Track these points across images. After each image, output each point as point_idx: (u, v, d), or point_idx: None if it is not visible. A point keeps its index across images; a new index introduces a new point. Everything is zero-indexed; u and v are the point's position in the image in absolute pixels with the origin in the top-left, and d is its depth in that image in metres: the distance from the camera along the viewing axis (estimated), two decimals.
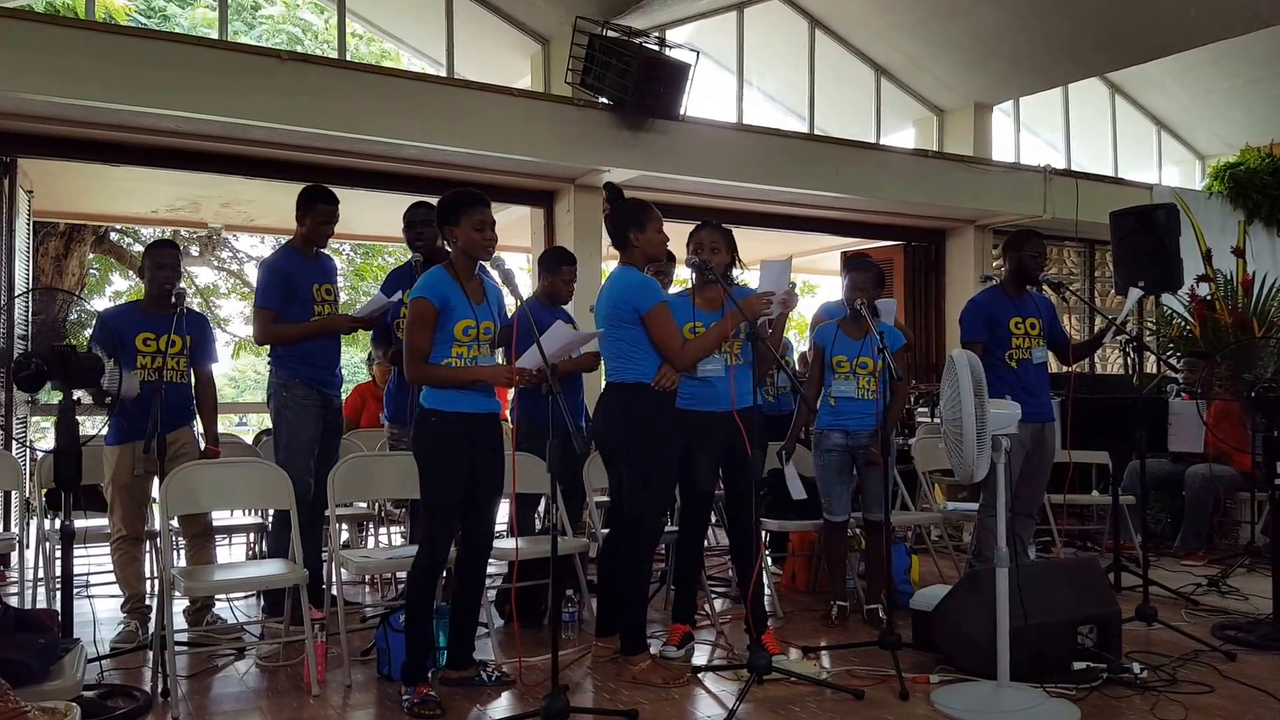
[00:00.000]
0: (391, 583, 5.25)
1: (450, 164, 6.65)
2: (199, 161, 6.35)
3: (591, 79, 6.62)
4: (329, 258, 4.64)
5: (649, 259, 3.90)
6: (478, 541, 3.62)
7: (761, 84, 9.11)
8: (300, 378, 4.35)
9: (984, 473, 3.46)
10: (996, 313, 4.67)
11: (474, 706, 3.44)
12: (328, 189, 4.50)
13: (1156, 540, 6.29)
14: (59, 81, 5.22)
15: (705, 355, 3.85)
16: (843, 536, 4.71)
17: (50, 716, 2.10)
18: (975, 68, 8.98)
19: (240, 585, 4.38)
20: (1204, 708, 3.39)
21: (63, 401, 3.32)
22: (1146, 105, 10.99)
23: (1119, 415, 5.21)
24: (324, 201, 4.44)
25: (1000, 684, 3.38)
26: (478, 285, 3.54)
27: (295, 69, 5.88)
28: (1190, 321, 7.50)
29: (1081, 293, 9.75)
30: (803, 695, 3.55)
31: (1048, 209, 8.59)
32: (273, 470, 3.98)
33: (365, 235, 10.77)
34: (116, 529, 4.19)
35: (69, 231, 10.31)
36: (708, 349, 3.84)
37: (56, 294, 3.86)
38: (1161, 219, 6.25)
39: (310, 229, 4.43)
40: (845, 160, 7.79)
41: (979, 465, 3.43)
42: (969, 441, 3.39)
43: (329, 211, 4.44)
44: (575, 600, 4.43)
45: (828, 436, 4.57)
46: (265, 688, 3.67)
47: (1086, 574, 3.97)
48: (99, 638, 4.14)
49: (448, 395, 3.44)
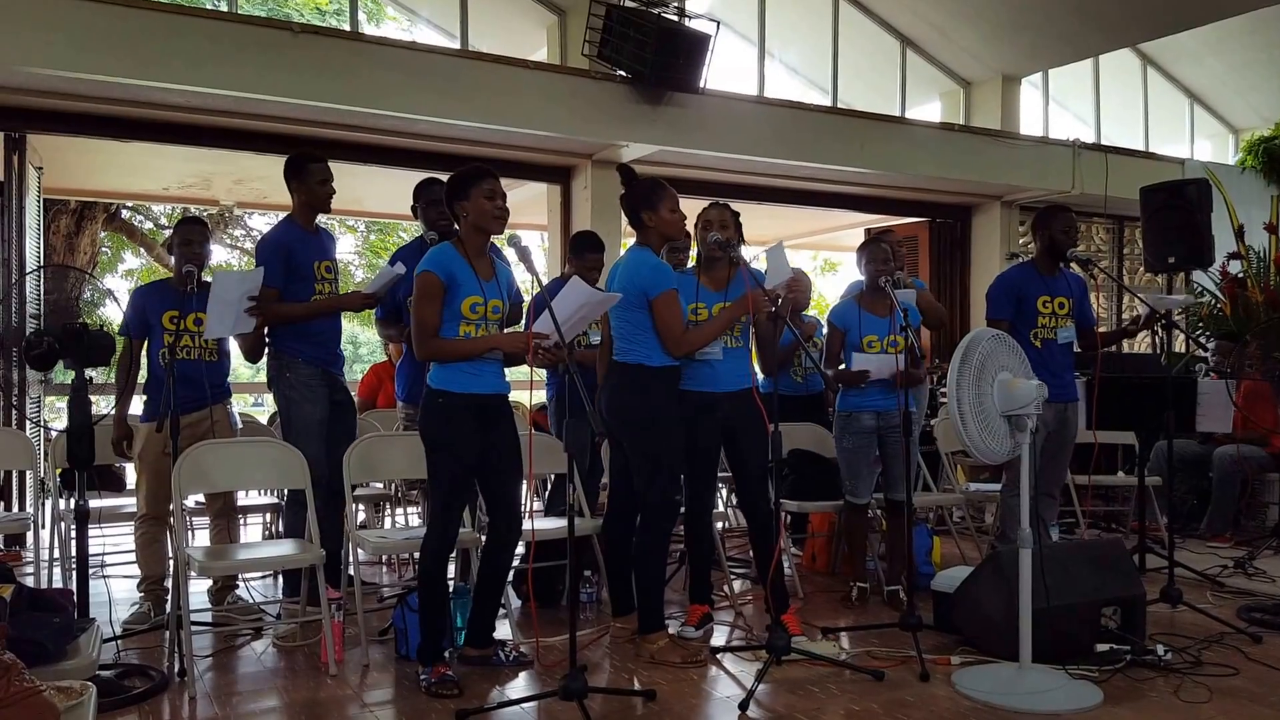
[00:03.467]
0: (409, 563, 5.25)
1: (465, 139, 6.59)
2: (210, 137, 6.32)
3: (609, 51, 6.53)
4: (328, 233, 4.47)
5: (665, 239, 3.88)
6: (506, 524, 3.57)
7: (783, 56, 9.01)
8: (303, 358, 4.20)
9: (992, 452, 3.43)
10: (1025, 290, 4.61)
11: (492, 687, 3.43)
12: (309, 149, 4.32)
13: (1183, 522, 6.22)
14: (68, 55, 5.18)
15: (704, 345, 3.82)
16: (864, 518, 4.70)
17: (65, 696, 2.09)
18: (1004, 39, 8.83)
19: (255, 565, 4.36)
20: (1229, 690, 3.36)
21: (75, 380, 3.30)
22: (1179, 77, 10.79)
23: (1146, 395, 5.13)
24: (312, 160, 4.24)
25: (1022, 666, 3.36)
26: (487, 263, 3.49)
27: (307, 42, 5.81)
28: (1221, 299, 7.40)
29: (1110, 270, 9.61)
30: (822, 676, 3.53)
31: (1076, 184, 8.48)
32: (288, 450, 3.95)
33: (379, 212, 10.72)
34: (141, 508, 4.20)
35: (80, 209, 10.34)
36: (707, 340, 3.81)
37: (69, 272, 3.86)
38: (1193, 194, 6.16)
39: (309, 194, 4.21)
40: (869, 134, 7.69)
41: (987, 449, 3.42)
42: (972, 428, 3.38)
43: (321, 169, 4.22)
44: (593, 580, 4.41)
45: (856, 419, 4.51)
46: (282, 667, 3.67)
47: (1111, 555, 3.92)
48: (115, 617, 4.14)
49: (456, 376, 3.39)
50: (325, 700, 3.31)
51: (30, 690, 1.89)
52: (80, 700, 2.06)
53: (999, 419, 3.42)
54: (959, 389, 3.38)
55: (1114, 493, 6.59)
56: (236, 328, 4.00)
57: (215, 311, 3.89)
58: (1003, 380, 3.42)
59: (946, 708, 3.23)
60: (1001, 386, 3.41)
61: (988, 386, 3.41)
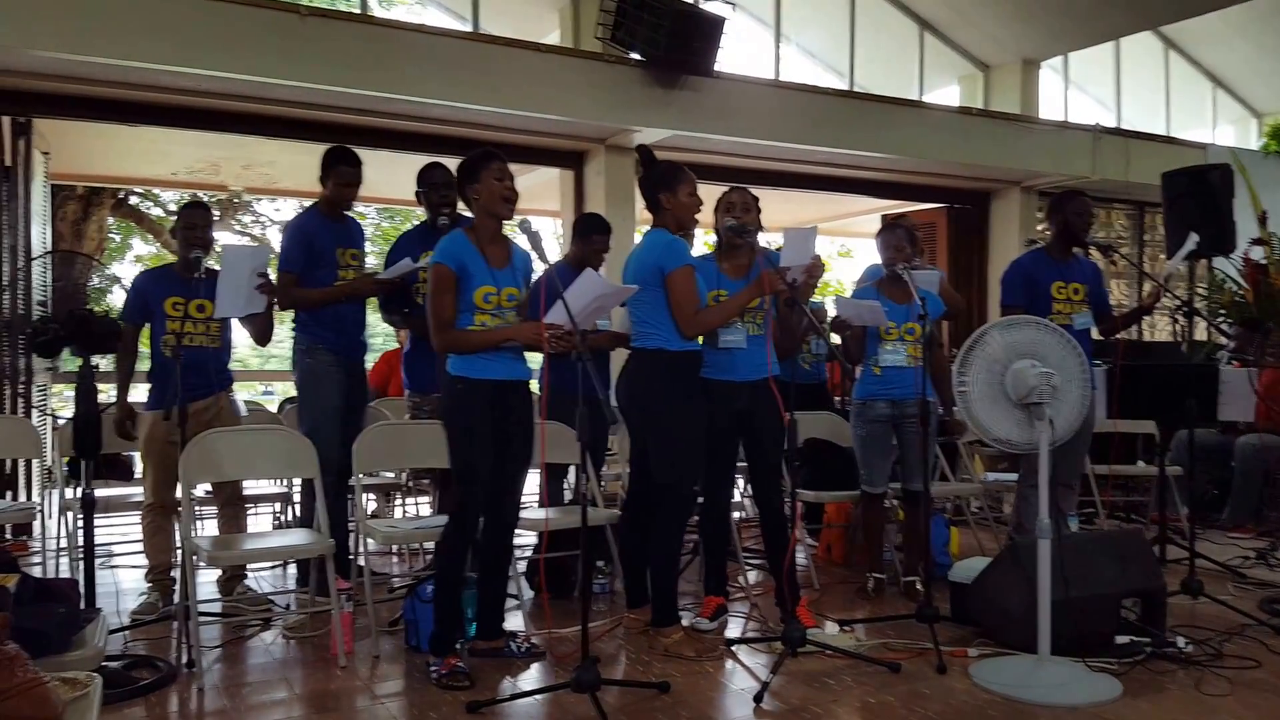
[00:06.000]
0: (419, 553, 5.22)
1: (476, 123, 6.53)
2: (219, 122, 6.28)
3: (622, 34, 6.46)
4: (355, 222, 4.49)
5: (681, 223, 3.84)
6: (506, 512, 3.55)
7: (799, 39, 8.92)
8: (325, 344, 4.22)
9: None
10: (1038, 276, 4.58)
11: (504, 678, 3.40)
12: (350, 150, 4.34)
13: (1204, 512, 6.15)
14: (75, 39, 5.13)
15: (717, 326, 3.79)
16: (881, 508, 4.65)
17: (71, 687, 2.06)
18: (1023, 21, 8.72)
19: (264, 555, 4.33)
20: (1250, 683, 3.33)
21: (82, 368, 3.27)
22: (1201, 60, 10.66)
23: (1167, 383, 5.06)
24: (345, 163, 4.27)
25: (1041, 658, 3.33)
26: (500, 250, 3.44)
27: (316, 25, 5.76)
28: (1243, 286, 7.30)
29: (1131, 256, 9.50)
30: (838, 668, 3.50)
31: (1096, 169, 8.39)
32: (297, 438, 3.92)
33: (389, 198, 10.68)
34: (147, 497, 4.17)
35: (87, 194, 10.32)
36: (720, 320, 3.78)
37: (76, 258, 3.83)
38: (1215, 180, 6.10)
39: (333, 192, 4.27)
40: (886, 119, 7.62)
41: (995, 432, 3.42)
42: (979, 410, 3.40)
43: (350, 174, 4.27)
44: (606, 572, 4.37)
45: (872, 406, 4.45)
46: (291, 659, 3.65)
47: (1131, 546, 3.88)
48: (122, 608, 4.13)
49: (476, 362, 3.36)
50: (335, 692, 3.29)
51: (34, 682, 1.86)
52: (85, 692, 2.03)
53: (1013, 406, 3.41)
54: (966, 373, 3.40)
55: (1134, 483, 6.52)
56: (248, 307, 3.97)
57: (226, 290, 3.87)
58: (1017, 369, 3.40)
59: (964, 700, 3.19)
60: (1015, 375, 3.40)
61: (998, 374, 3.41)
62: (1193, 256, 5.08)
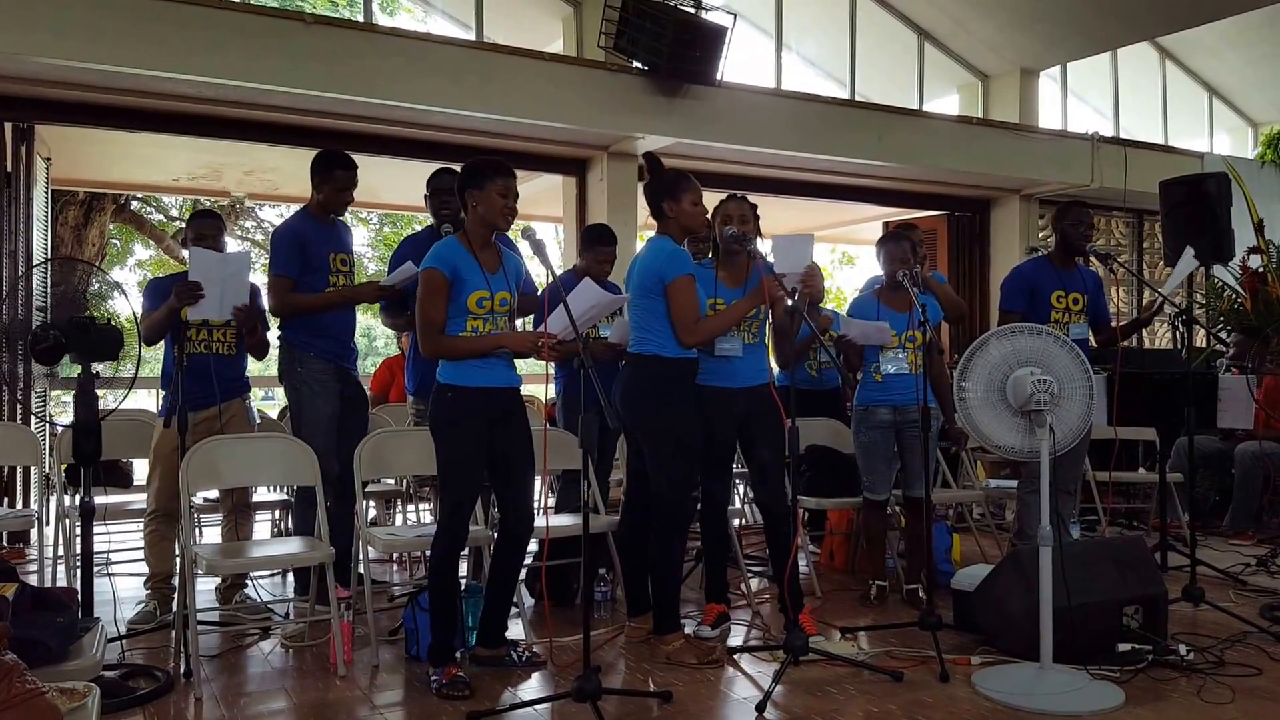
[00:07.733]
0: (420, 561, 5.19)
1: (479, 130, 6.54)
2: (221, 128, 6.26)
3: (625, 42, 6.48)
4: (346, 226, 4.44)
5: (685, 231, 3.84)
6: (517, 521, 3.51)
7: (801, 48, 8.94)
8: (314, 351, 4.16)
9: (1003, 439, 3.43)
10: (1039, 283, 4.63)
11: (504, 688, 3.38)
12: (344, 153, 4.30)
13: (1204, 519, 6.16)
14: (77, 45, 5.13)
15: (716, 335, 3.79)
16: (883, 515, 4.64)
17: (69, 698, 2.05)
18: (1022, 31, 8.74)
19: (263, 564, 4.29)
20: (1252, 690, 3.32)
21: (81, 375, 3.25)
22: (1198, 70, 10.69)
23: (1167, 390, 5.07)
24: (341, 167, 4.21)
25: (1043, 666, 3.33)
26: (492, 256, 3.42)
27: (320, 32, 5.77)
28: (1241, 294, 7.31)
29: (1130, 264, 9.51)
30: (840, 677, 3.48)
31: (1095, 178, 8.40)
32: (297, 445, 3.89)
33: (392, 205, 10.70)
34: (150, 503, 4.15)
35: (89, 200, 10.28)
36: (719, 330, 3.78)
37: (76, 264, 3.81)
38: (1212, 188, 6.12)
39: (328, 196, 4.21)
40: (887, 127, 7.62)
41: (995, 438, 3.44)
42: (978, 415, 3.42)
43: (346, 177, 4.22)
44: (608, 579, 4.35)
45: (873, 413, 4.46)
46: (290, 668, 3.62)
47: (1132, 553, 3.87)
48: (120, 616, 4.09)
49: (465, 370, 3.34)
50: (334, 702, 3.26)
51: (32, 692, 1.85)
52: (83, 702, 2.02)
53: (1013, 414, 3.42)
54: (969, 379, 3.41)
55: (1135, 489, 6.51)
56: (223, 311, 3.93)
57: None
58: (1016, 377, 3.41)
59: (967, 709, 3.18)
60: (1014, 382, 3.41)
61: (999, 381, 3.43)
62: (1196, 263, 5.10)
